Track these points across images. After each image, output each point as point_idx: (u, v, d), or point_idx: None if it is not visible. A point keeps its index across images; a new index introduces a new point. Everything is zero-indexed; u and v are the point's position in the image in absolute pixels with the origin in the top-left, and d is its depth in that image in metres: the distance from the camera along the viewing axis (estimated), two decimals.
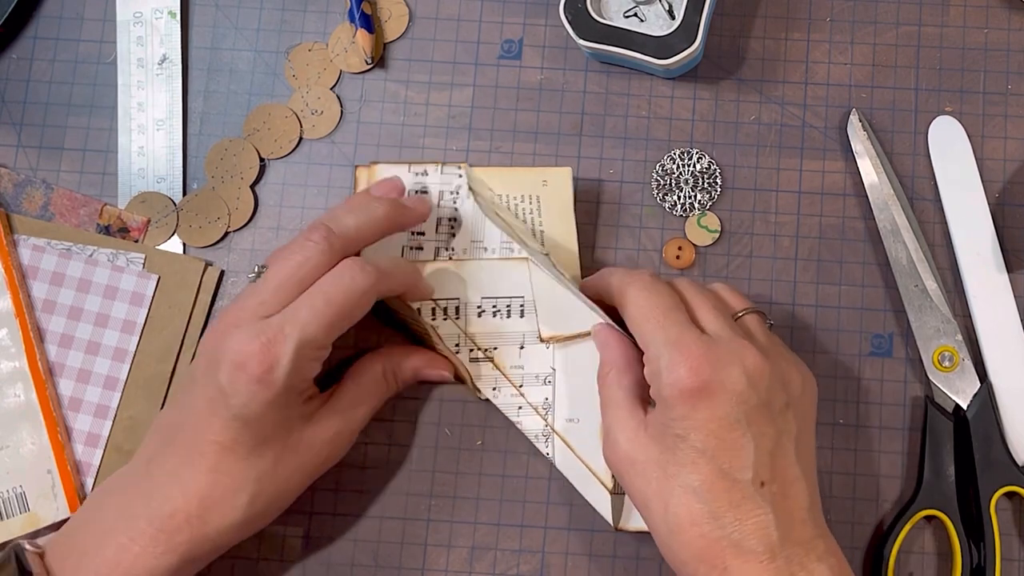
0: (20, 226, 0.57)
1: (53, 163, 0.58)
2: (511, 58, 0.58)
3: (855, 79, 0.57)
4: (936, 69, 0.57)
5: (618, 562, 0.54)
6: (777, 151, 0.57)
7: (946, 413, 0.53)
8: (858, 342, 0.55)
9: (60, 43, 0.59)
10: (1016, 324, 0.54)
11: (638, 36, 0.54)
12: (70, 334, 0.56)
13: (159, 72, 0.58)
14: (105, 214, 0.57)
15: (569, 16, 0.54)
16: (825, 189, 0.56)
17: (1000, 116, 0.57)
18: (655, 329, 0.46)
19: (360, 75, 0.58)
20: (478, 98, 0.58)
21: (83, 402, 0.55)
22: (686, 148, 0.57)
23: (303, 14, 0.59)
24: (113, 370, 0.55)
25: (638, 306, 0.48)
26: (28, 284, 0.56)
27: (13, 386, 0.55)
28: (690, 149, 0.57)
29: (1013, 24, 0.57)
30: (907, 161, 0.56)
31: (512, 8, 0.59)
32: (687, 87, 0.57)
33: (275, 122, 0.58)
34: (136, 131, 0.58)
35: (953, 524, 0.52)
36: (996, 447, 0.52)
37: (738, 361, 0.45)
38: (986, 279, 0.54)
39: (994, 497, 0.51)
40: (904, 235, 0.55)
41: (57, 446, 0.54)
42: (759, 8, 0.58)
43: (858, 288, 0.55)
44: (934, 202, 0.56)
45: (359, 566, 0.54)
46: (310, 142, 0.58)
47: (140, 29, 0.59)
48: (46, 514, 0.54)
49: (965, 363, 0.53)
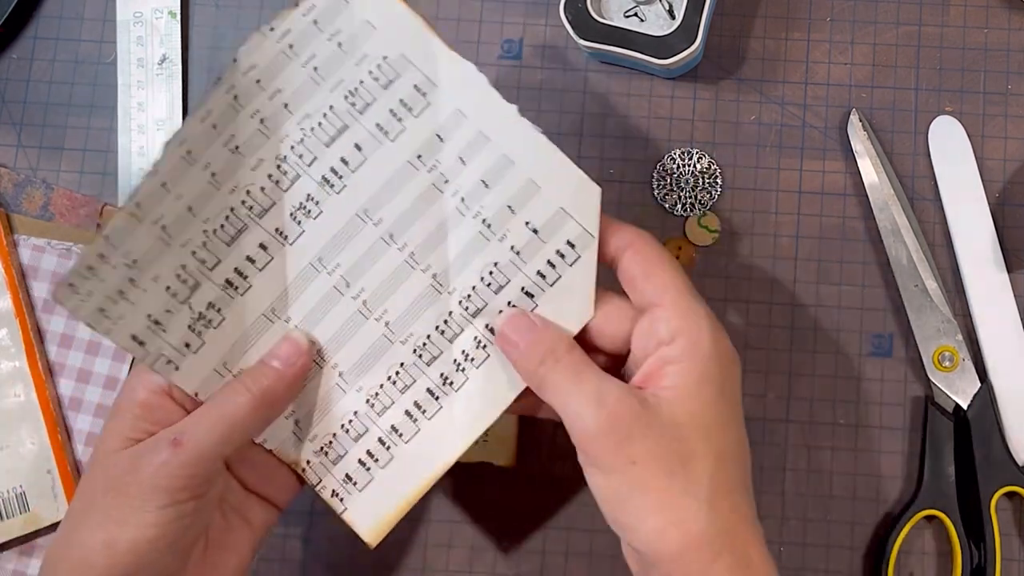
0: (20, 226, 0.57)
1: (53, 163, 0.58)
2: (511, 58, 0.58)
3: (855, 79, 0.57)
4: (936, 69, 0.57)
5: (618, 562, 0.54)
6: (777, 151, 0.57)
7: (946, 413, 0.53)
8: (858, 342, 0.55)
9: (60, 43, 0.59)
10: (1016, 324, 0.54)
11: (638, 36, 0.54)
12: (70, 334, 0.56)
13: (159, 72, 0.58)
14: (105, 214, 0.57)
15: (569, 16, 0.54)
16: (825, 189, 0.56)
17: (1000, 116, 0.57)
18: (684, 285, 0.42)
19: None
20: None
21: (83, 402, 0.55)
22: (686, 148, 0.57)
23: None
24: (113, 370, 0.55)
25: (659, 252, 0.43)
26: (28, 284, 0.56)
27: (13, 386, 0.55)
28: (690, 149, 0.57)
29: (1013, 24, 0.57)
30: (907, 161, 0.56)
31: (512, 8, 0.59)
32: (687, 87, 0.57)
33: None
34: (136, 131, 0.58)
35: (953, 524, 0.52)
36: (996, 447, 0.52)
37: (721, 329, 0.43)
38: (986, 279, 0.54)
39: (994, 497, 0.51)
40: (904, 235, 0.55)
41: (57, 446, 0.54)
42: (759, 8, 0.58)
43: (858, 288, 0.55)
44: (934, 202, 0.56)
45: (359, 566, 0.54)
46: None
47: (140, 29, 0.59)
48: (46, 514, 0.54)
49: (965, 363, 0.53)
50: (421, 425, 0.46)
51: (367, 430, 0.46)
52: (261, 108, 0.45)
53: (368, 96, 0.45)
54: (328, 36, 0.45)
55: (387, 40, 0.45)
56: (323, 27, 0.45)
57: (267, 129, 0.45)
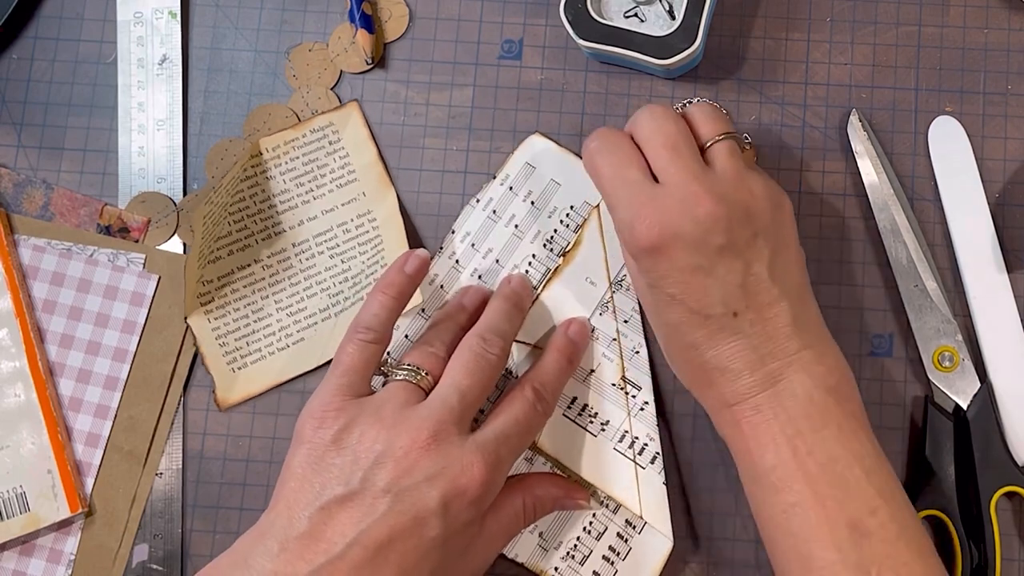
0: (20, 226, 0.57)
1: (53, 163, 0.58)
2: (511, 58, 0.58)
3: (855, 79, 0.57)
4: (936, 69, 0.57)
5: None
6: (777, 151, 0.57)
7: (946, 413, 0.53)
8: (858, 342, 0.55)
9: (60, 43, 0.59)
10: (1016, 324, 0.54)
11: (638, 36, 0.54)
12: (70, 334, 0.56)
13: (159, 72, 0.58)
14: (105, 214, 0.57)
15: (569, 16, 0.54)
16: (825, 189, 0.56)
17: (1000, 116, 0.57)
18: (614, 189, 0.48)
19: (360, 75, 0.58)
20: (478, 98, 0.58)
21: (83, 402, 0.55)
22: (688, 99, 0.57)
23: (303, 14, 0.59)
24: (113, 370, 0.55)
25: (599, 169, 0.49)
26: (28, 284, 0.56)
27: (13, 386, 0.55)
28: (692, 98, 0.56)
29: (1013, 24, 0.57)
30: (907, 161, 0.56)
31: (512, 8, 0.59)
32: (687, 87, 0.57)
33: (275, 122, 0.58)
34: (136, 131, 0.58)
35: (953, 524, 0.52)
36: (996, 447, 0.52)
37: (688, 212, 0.46)
38: (986, 279, 0.54)
39: (994, 497, 0.51)
40: (904, 235, 0.55)
41: (57, 446, 0.54)
42: (759, 8, 0.58)
43: (858, 288, 0.55)
44: (934, 202, 0.56)
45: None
46: None
47: (140, 29, 0.59)
48: (46, 514, 0.54)
49: (965, 363, 0.53)
50: (646, 516, 0.52)
51: (606, 529, 0.52)
52: (478, 266, 0.55)
53: (563, 241, 0.55)
54: (523, 198, 0.55)
55: (571, 192, 0.55)
56: (517, 191, 0.55)
57: (484, 282, 0.55)
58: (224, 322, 0.56)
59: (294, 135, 0.57)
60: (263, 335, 0.56)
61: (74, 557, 0.54)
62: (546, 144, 0.56)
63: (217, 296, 0.56)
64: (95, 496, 0.55)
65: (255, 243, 0.56)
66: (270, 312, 0.56)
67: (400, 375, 0.48)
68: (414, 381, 0.48)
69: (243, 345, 0.55)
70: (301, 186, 0.57)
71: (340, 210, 0.56)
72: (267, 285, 0.56)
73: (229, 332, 0.56)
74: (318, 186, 0.57)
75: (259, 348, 0.56)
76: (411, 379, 0.48)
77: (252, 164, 0.57)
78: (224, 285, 0.56)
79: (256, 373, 0.55)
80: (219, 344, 0.55)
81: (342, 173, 0.57)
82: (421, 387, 0.48)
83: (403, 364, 0.49)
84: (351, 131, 0.57)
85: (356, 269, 0.56)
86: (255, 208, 0.57)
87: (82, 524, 0.54)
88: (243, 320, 0.56)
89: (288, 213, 0.57)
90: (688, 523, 0.54)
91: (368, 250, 0.56)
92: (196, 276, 0.55)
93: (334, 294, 0.56)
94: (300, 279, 0.56)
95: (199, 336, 0.55)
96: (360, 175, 0.57)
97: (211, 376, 0.55)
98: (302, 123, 0.57)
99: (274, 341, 0.56)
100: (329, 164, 0.57)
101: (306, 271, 0.56)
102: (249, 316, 0.56)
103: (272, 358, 0.55)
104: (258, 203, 0.57)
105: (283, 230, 0.56)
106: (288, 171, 0.57)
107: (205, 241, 0.55)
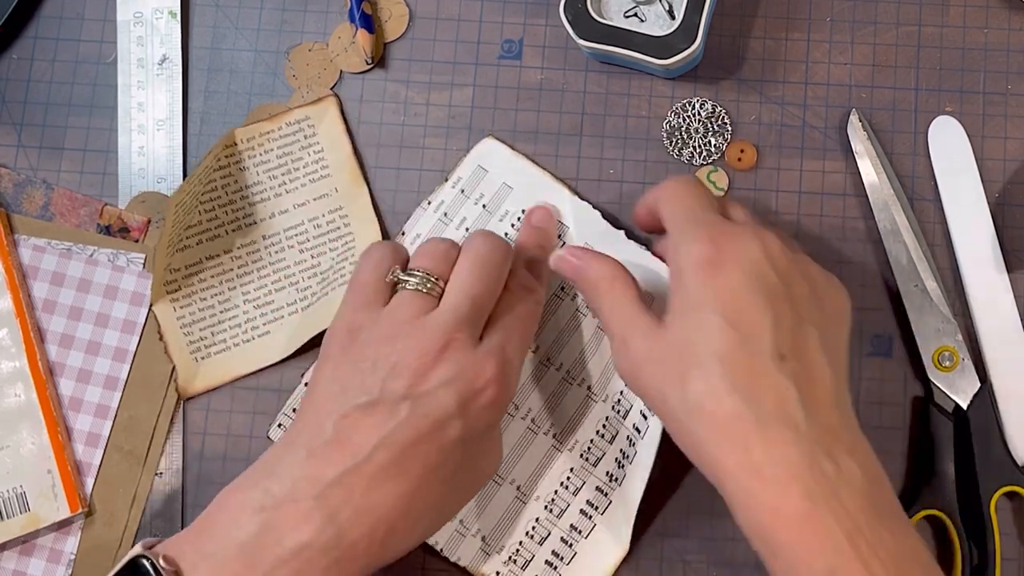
0: (20, 226, 0.57)
1: (53, 163, 0.58)
2: (511, 58, 0.58)
3: (855, 79, 0.57)
4: (936, 69, 0.57)
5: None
6: (777, 151, 0.57)
7: (946, 413, 0.53)
8: (858, 342, 0.55)
9: (60, 43, 0.59)
10: (1016, 324, 0.54)
11: (638, 36, 0.54)
12: (70, 334, 0.56)
13: (159, 72, 0.58)
14: (105, 214, 0.57)
15: (569, 16, 0.54)
16: (825, 189, 0.56)
17: (1000, 116, 0.57)
18: (683, 210, 0.47)
19: (360, 75, 0.58)
20: (478, 98, 0.58)
21: (83, 402, 0.55)
22: (688, 99, 0.57)
23: (303, 14, 0.59)
24: (113, 370, 0.55)
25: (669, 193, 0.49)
26: (28, 284, 0.56)
27: (13, 386, 0.55)
28: (692, 99, 0.57)
29: (1013, 24, 0.57)
30: (907, 161, 0.56)
31: (512, 8, 0.59)
32: (687, 87, 0.57)
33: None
34: (136, 131, 0.58)
35: (953, 524, 0.52)
36: (996, 447, 0.52)
37: (758, 240, 0.45)
38: (986, 279, 0.54)
39: (994, 497, 0.51)
40: (904, 235, 0.55)
41: (57, 446, 0.54)
42: (759, 8, 0.58)
43: (858, 288, 0.55)
44: (934, 202, 0.56)
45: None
46: None
47: (140, 29, 0.59)
48: (46, 514, 0.54)
49: (965, 363, 0.53)
50: (596, 520, 0.53)
51: (549, 533, 0.52)
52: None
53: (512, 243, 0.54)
54: (474, 201, 0.55)
55: (523, 196, 0.56)
56: (469, 194, 0.56)
57: None
58: (190, 311, 0.56)
59: (270, 127, 0.57)
60: (229, 326, 0.56)
61: (74, 557, 0.54)
62: (499, 147, 0.56)
63: (184, 285, 0.56)
64: (95, 496, 0.55)
65: (225, 233, 0.56)
66: (237, 304, 0.56)
67: (410, 284, 0.49)
68: (424, 290, 0.48)
69: (208, 335, 0.55)
70: (274, 179, 0.57)
71: (312, 204, 0.56)
72: (235, 276, 0.56)
73: (195, 321, 0.56)
74: (291, 180, 0.57)
75: (224, 339, 0.55)
76: (421, 288, 0.48)
77: (226, 154, 0.57)
78: (192, 274, 0.56)
79: (220, 364, 0.55)
80: (184, 333, 0.55)
81: (316, 168, 0.57)
82: (432, 295, 0.48)
83: (413, 271, 0.49)
84: (327, 126, 0.57)
85: (325, 264, 0.56)
86: (227, 198, 0.56)
87: (82, 524, 0.54)
88: (209, 310, 0.56)
89: (260, 205, 0.56)
90: (688, 523, 0.54)
91: (339, 246, 0.56)
92: (164, 264, 0.55)
93: (302, 288, 0.56)
94: (269, 272, 0.56)
95: (163, 324, 0.55)
96: (333, 171, 0.57)
97: (173, 364, 0.55)
98: (278, 115, 0.57)
99: (239, 333, 0.56)
100: (303, 158, 0.57)
101: (275, 264, 0.56)
102: (216, 307, 0.56)
103: (237, 349, 0.55)
104: (230, 193, 0.56)
105: (254, 222, 0.56)
106: (262, 163, 0.57)
107: (175, 229, 0.54)
